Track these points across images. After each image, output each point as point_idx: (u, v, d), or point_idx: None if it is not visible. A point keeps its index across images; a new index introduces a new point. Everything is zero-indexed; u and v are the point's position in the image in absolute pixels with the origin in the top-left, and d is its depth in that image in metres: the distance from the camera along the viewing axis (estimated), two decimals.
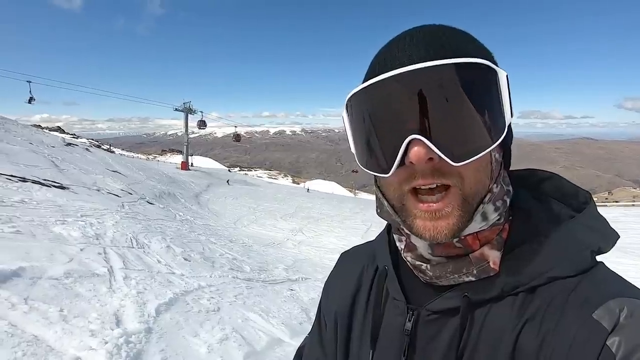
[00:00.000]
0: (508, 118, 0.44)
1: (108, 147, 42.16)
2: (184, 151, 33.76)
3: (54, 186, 7.50)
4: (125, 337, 2.46)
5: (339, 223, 15.10)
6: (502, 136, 0.44)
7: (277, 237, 11.08)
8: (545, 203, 0.54)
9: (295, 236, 11.68)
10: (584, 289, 0.44)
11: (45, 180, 7.69)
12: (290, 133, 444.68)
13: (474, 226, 0.47)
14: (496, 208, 0.48)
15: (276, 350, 3.10)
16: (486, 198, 0.47)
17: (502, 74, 0.44)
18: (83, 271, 3.33)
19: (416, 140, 0.42)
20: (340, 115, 0.52)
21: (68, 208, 5.80)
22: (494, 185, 0.48)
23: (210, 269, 5.06)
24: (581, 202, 0.53)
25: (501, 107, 0.44)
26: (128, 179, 13.34)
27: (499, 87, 0.44)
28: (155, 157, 63.48)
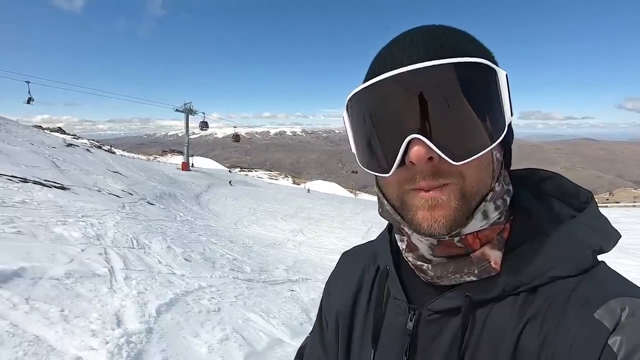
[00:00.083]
0: (508, 117, 0.44)
1: (109, 148, 42.20)
2: (185, 152, 33.82)
3: (55, 187, 7.51)
4: (126, 337, 2.47)
5: (340, 224, 15.08)
6: (503, 135, 0.44)
7: (278, 238, 11.08)
8: (546, 202, 0.54)
9: (295, 237, 11.67)
10: (585, 289, 0.44)
11: (46, 180, 7.70)
12: (290, 134, 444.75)
13: (475, 224, 0.47)
14: (497, 207, 0.48)
15: (276, 350, 3.10)
16: (488, 196, 0.47)
17: (502, 73, 0.44)
18: (84, 271, 3.34)
19: (416, 139, 0.42)
20: (340, 116, 0.52)
21: (69, 208, 5.81)
22: (496, 184, 0.48)
23: (210, 270, 5.06)
24: (582, 202, 0.52)
25: (501, 107, 0.44)
26: (129, 180, 13.36)
27: (499, 87, 0.44)
28: (155, 158, 63.51)
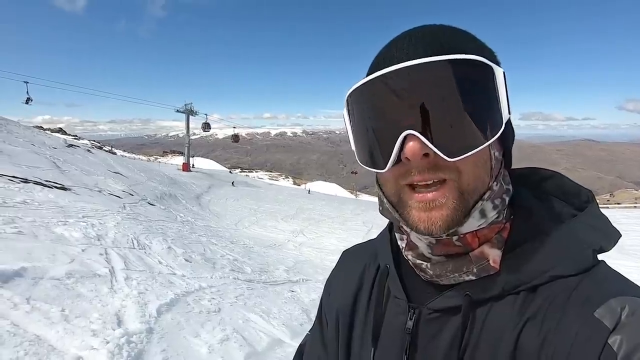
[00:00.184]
0: (505, 115, 0.44)
1: (110, 149, 42.26)
2: (185, 152, 33.84)
3: (56, 187, 7.52)
4: (126, 337, 2.47)
5: (340, 224, 15.08)
6: (499, 133, 0.44)
7: (278, 239, 11.08)
8: (546, 202, 0.54)
9: (296, 237, 11.67)
10: (586, 288, 0.44)
11: (47, 181, 7.72)
12: (291, 134, 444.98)
13: (473, 223, 0.47)
14: (495, 206, 0.48)
15: (277, 351, 3.10)
16: (485, 195, 0.47)
17: (499, 71, 0.44)
18: (84, 272, 3.35)
19: (411, 135, 0.42)
20: (341, 116, 0.52)
21: (70, 209, 5.82)
22: (494, 183, 0.48)
23: (211, 270, 5.06)
24: (583, 201, 0.52)
25: (498, 104, 0.44)
26: (129, 180, 13.37)
27: (496, 84, 0.44)
28: (156, 159, 63.56)
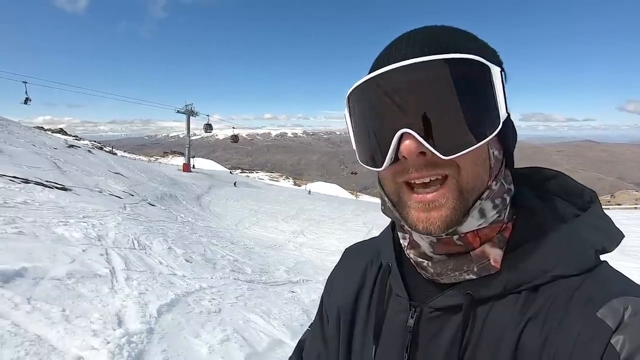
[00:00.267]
0: (503, 114, 0.44)
1: (110, 149, 42.30)
2: (186, 153, 33.84)
3: (57, 188, 7.53)
4: (127, 338, 2.47)
5: (341, 225, 15.06)
6: (496, 131, 0.44)
7: (279, 239, 11.06)
8: (549, 202, 0.54)
9: (296, 238, 11.65)
10: (588, 288, 0.44)
11: (47, 181, 7.72)
12: (291, 135, 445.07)
13: (472, 223, 0.48)
14: (495, 205, 0.48)
15: (277, 351, 3.10)
16: (484, 195, 0.47)
17: (495, 70, 0.44)
18: (85, 272, 3.35)
19: (407, 134, 0.43)
20: (342, 117, 0.53)
21: (70, 209, 5.83)
22: (493, 182, 0.48)
23: (211, 271, 5.06)
24: (586, 201, 0.52)
25: (494, 103, 0.44)
26: (130, 181, 13.37)
27: (492, 83, 0.44)
28: (157, 159, 63.57)
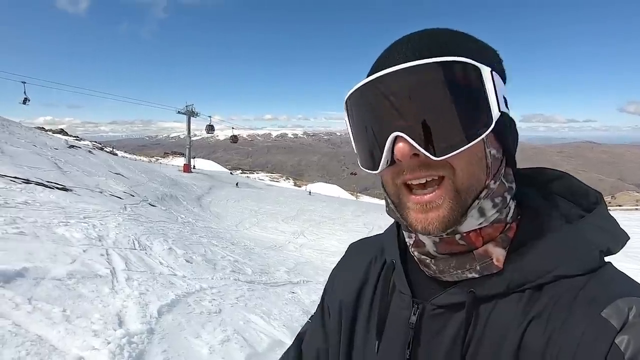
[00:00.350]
0: (496, 113, 0.44)
1: (111, 150, 42.36)
2: (186, 154, 33.88)
3: (57, 188, 7.53)
4: (127, 338, 2.48)
5: (341, 226, 15.06)
6: (488, 131, 0.44)
7: (279, 240, 11.07)
8: (554, 202, 0.54)
9: (296, 239, 11.65)
10: (592, 288, 0.44)
11: (48, 182, 7.73)
12: (292, 136, 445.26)
13: (472, 222, 0.48)
14: (495, 204, 0.48)
15: (277, 352, 3.10)
16: (482, 194, 0.47)
17: (486, 70, 0.44)
18: (86, 272, 3.35)
19: (400, 137, 0.44)
20: (341, 118, 0.54)
21: (71, 210, 5.83)
22: (492, 181, 0.48)
23: (212, 271, 5.06)
24: (591, 202, 0.52)
25: (486, 103, 0.44)
26: (130, 181, 13.38)
27: (483, 83, 0.44)
28: (157, 160, 63.60)
